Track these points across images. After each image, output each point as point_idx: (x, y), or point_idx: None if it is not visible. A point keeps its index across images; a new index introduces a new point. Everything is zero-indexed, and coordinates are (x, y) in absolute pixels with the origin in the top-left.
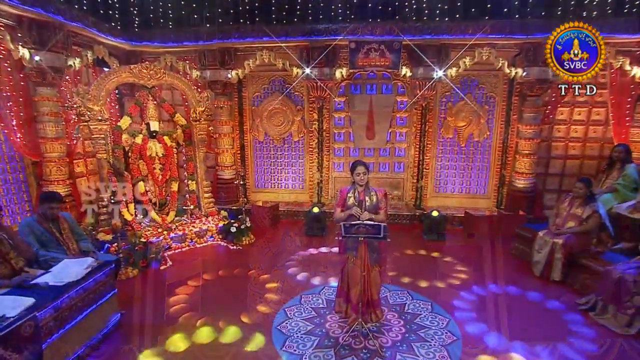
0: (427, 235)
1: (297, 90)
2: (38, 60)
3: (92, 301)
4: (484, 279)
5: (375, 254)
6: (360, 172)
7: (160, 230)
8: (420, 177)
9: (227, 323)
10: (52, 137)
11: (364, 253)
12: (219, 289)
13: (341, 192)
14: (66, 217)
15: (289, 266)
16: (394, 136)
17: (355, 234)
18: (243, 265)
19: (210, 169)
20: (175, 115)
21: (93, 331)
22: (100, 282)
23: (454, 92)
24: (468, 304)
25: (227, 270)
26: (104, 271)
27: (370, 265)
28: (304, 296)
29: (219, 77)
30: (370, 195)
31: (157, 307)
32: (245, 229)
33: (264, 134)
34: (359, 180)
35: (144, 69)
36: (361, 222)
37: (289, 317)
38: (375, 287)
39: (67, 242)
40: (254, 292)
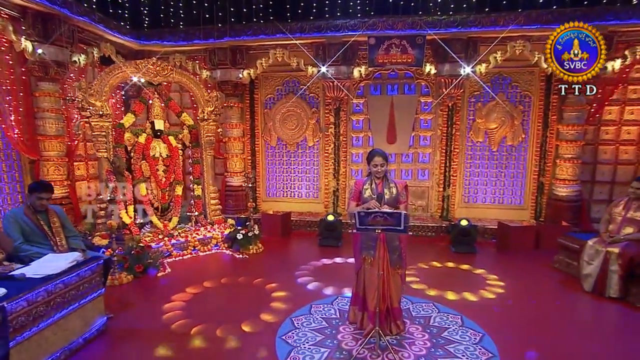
0: (455, 248)
1: (312, 91)
2: (41, 53)
3: (74, 299)
4: (523, 293)
5: (395, 254)
6: (378, 162)
7: (161, 236)
8: (446, 186)
9: (225, 332)
10: (52, 134)
11: (383, 253)
12: (220, 297)
13: (356, 184)
14: (57, 210)
15: (299, 275)
16: (418, 140)
17: (371, 225)
18: (248, 273)
19: (218, 176)
20: (182, 114)
21: (73, 334)
22: (85, 279)
23: (484, 91)
24: (505, 320)
25: (231, 279)
26: (90, 267)
27: (390, 268)
28: (315, 306)
29: (230, 77)
30: (389, 188)
31: (149, 313)
32: (253, 236)
33: (276, 138)
34: (376, 172)
35: (151, 65)
36: (378, 210)
37: (296, 327)
38: (395, 293)
39: (55, 238)
40: (258, 301)
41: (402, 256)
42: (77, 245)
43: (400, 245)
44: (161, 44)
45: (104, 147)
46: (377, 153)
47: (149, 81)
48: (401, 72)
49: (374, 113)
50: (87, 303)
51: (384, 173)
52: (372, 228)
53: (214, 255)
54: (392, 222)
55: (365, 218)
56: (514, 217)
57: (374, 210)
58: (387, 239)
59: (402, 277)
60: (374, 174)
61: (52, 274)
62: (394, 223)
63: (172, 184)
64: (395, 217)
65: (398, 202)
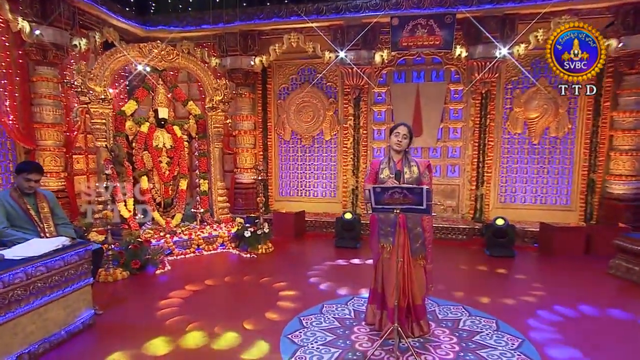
0: (490, 251)
1: (330, 80)
2: (38, 34)
3: (58, 286)
4: (572, 298)
5: (418, 242)
6: (401, 132)
7: (162, 233)
8: (480, 184)
9: (224, 329)
10: (49, 122)
11: (404, 240)
12: (222, 295)
13: (372, 164)
14: (47, 195)
15: (311, 275)
16: (447, 133)
17: (389, 205)
18: (255, 272)
19: (227, 173)
20: (188, 102)
21: (55, 325)
22: (71, 264)
23: (523, 76)
24: (550, 325)
25: (235, 277)
26: (78, 251)
27: (411, 258)
28: (327, 305)
29: (241, 64)
30: (410, 167)
31: (142, 309)
32: (263, 235)
33: (290, 131)
34: (396, 144)
35: (155, 49)
36: (396, 186)
37: (304, 327)
38: (418, 288)
39: (42, 224)
40: (263, 300)
41: (425, 245)
42: (68, 234)
43: (423, 233)
44: (168, 30)
45: (103, 136)
46: (402, 123)
47: (154, 67)
48: (428, 56)
49: (397, 103)
50: (73, 292)
51: (404, 150)
52: (389, 208)
53: (220, 254)
54: (412, 200)
55: (381, 195)
56: (560, 219)
57: (392, 185)
58: (408, 224)
59: (427, 273)
60: (394, 147)
61: (33, 255)
62: (415, 201)
63: (176, 177)
64: (416, 194)
65: (420, 183)
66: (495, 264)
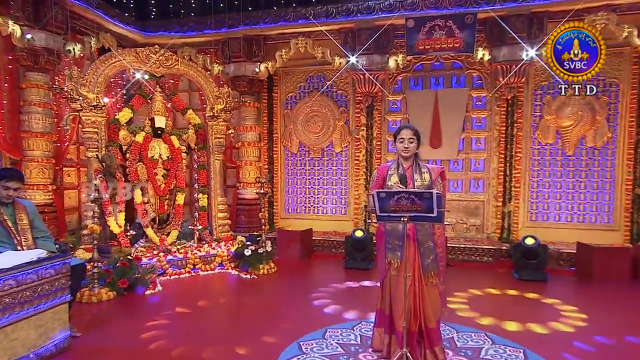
0: (519, 274)
1: (341, 88)
2: (30, 38)
3: (29, 302)
4: (617, 328)
5: (429, 257)
6: (405, 136)
7: (156, 251)
8: (507, 200)
9: (213, 354)
10: (38, 131)
11: (414, 254)
12: (215, 317)
13: (379, 170)
14: (27, 205)
15: (315, 298)
16: (469, 144)
17: (395, 212)
18: (254, 294)
19: (230, 189)
20: (187, 111)
21: (23, 346)
22: (46, 279)
23: (554, 80)
24: (589, 358)
25: (232, 298)
26: (54, 264)
27: (423, 274)
28: (330, 330)
29: (245, 71)
30: (421, 173)
31: (125, 332)
32: (265, 254)
33: (298, 143)
34: (403, 150)
35: (152, 54)
36: (403, 190)
37: (303, 352)
38: (432, 309)
39: (19, 237)
40: (260, 322)
41: (438, 259)
42: (47, 248)
43: (435, 248)
44: (168, 35)
45: (95, 146)
46: (405, 126)
47: (151, 73)
48: (447, 60)
49: (414, 112)
50: (46, 310)
51: (414, 154)
52: (396, 216)
53: (217, 275)
54: (421, 207)
55: (386, 201)
56: (600, 239)
57: (397, 190)
58: (419, 237)
59: (441, 295)
60: (400, 153)
61: (2, 268)
62: (425, 207)
63: (172, 191)
64: (425, 199)
65: None
66: (524, 288)
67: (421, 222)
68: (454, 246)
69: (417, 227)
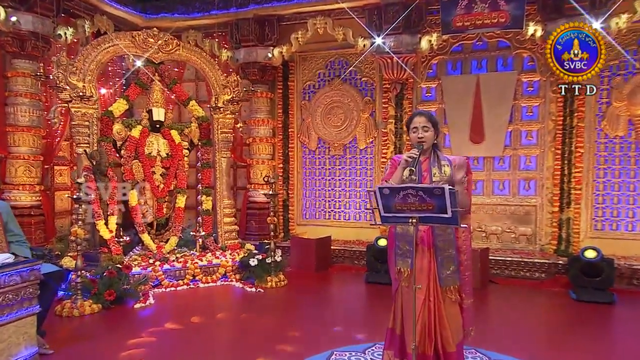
0: (577, 294)
1: (366, 74)
2: (15, 21)
3: None
4: None
5: (450, 267)
6: (419, 124)
7: (152, 260)
8: (565, 205)
9: None
10: (24, 125)
11: (429, 263)
12: (208, 335)
13: (392, 160)
14: (0, 206)
15: (325, 315)
16: (518, 138)
17: (402, 212)
18: (257, 309)
19: (240, 190)
20: (189, 102)
21: None
22: (9, 287)
23: (624, 59)
24: None
25: (230, 314)
26: (20, 271)
27: (440, 288)
28: (338, 353)
29: (256, 57)
30: (440, 166)
31: (105, 350)
32: (273, 264)
33: (317, 139)
34: (418, 140)
35: (151, 38)
36: (409, 185)
37: None
38: (451, 330)
39: None
40: (258, 342)
41: (460, 271)
42: (20, 254)
43: (457, 255)
44: (171, 18)
45: (85, 141)
46: (417, 113)
47: (150, 60)
48: (492, 39)
49: (451, 100)
50: (9, 323)
51: (432, 145)
52: (403, 217)
53: (219, 287)
54: (433, 206)
55: (390, 199)
56: None
57: (402, 185)
58: (437, 242)
59: (464, 311)
60: (414, 144)
61: None
62: (437, 207)
63: (172, 192)
64: (436, 196)
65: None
66: (584, 311)
67: (440, 225)
68: (499, 259)
69: (436, 230)
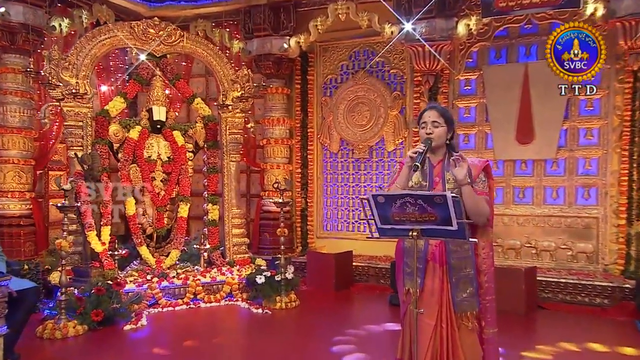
0: None
1: (395, 66)
2: (4, 12)
3: None
4: None
5: (466, 290)
6: (428, 119)
7: (149, 276)
8: (634, 217)
9: None
10: (14, 126)
11: (440, 283)
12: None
13: (401, 163)
14: None
15: (337, 342)
16: (574, 137)
17: (401, 223)
18: (259, 334)
19: (253, 198)
20: (194, 99)
21: None
22: None
23: None
24: None
25: (227, 338)
26: None
27: (454, 314)
28: None
29: (271, 48)
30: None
31: None
32: (284, 282)
33: (339, 140)
34: (428, 137)
35: (151, 28)
36: (406, 192)
37: None
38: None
39: None
40: None
41: (479, 296)
42: None
43: (476, 276)
44: (178, 6)
45: (79, 144)
46: (429, 107)
47: (151, 53)
48: (543, 21)
49: (494, 94)
50: None
51: (443, 143)
52: (402, 229)
53: (223, 308)
54: (434, 216)
55: (387, 208)
56: None
57: (399, 192)
58: (451, 260)
59: (485, 344)
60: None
61: None
62: (440, 218)
63: (174, 200)
64: (438, 206)
65: None
66: None
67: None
68: (551, 280)
69: (450, 245)
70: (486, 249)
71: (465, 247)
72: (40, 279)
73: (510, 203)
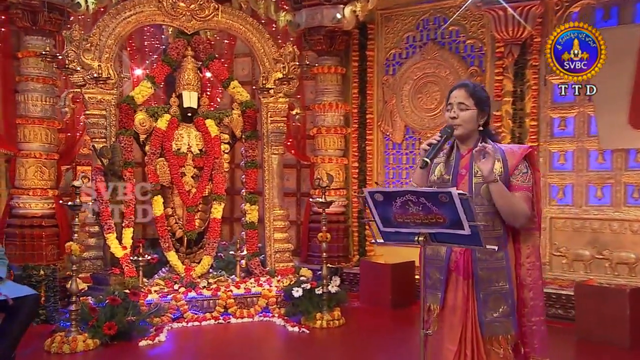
0: None
1: (471, 35)
2: None
3: None
4: None
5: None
6: (454, 100)
7: (177, 286)
8: None
9: None
10: (36, 116)
11: (465, 299)
12: None
13: None
14: None
15: None
16: None
17: (405, 225)
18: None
19: (305, 197)
20: (229, 83)
21: None
22: None
23: None
24: None
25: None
26: None
27: (483, 337)
28: None
29: (322, 20)
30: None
31: None
32: (326, 296)
33: (403, 128)
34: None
35: (181, 1)
36: (408, 190)
37: None
38: None
39: None
40: None
41: (515, 313)
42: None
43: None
44: None
45: (101, 135)
46: (458, 85)
47: (181, 30)
48: None
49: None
50: None
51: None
52: (406, 233)
53: (255, 324)
54: (442, 218)
55: (386, 208)
56: None
57: (399, 189)
58: (478, 271)
59: None
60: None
61: None
62: (449, 219)
63: (207, 199)
64: (444, 205)
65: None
66: None
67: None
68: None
69: (477, 253)
70: (531, 257)
71: (497, 256)
72: (57, 286)
73: (622, 205)
